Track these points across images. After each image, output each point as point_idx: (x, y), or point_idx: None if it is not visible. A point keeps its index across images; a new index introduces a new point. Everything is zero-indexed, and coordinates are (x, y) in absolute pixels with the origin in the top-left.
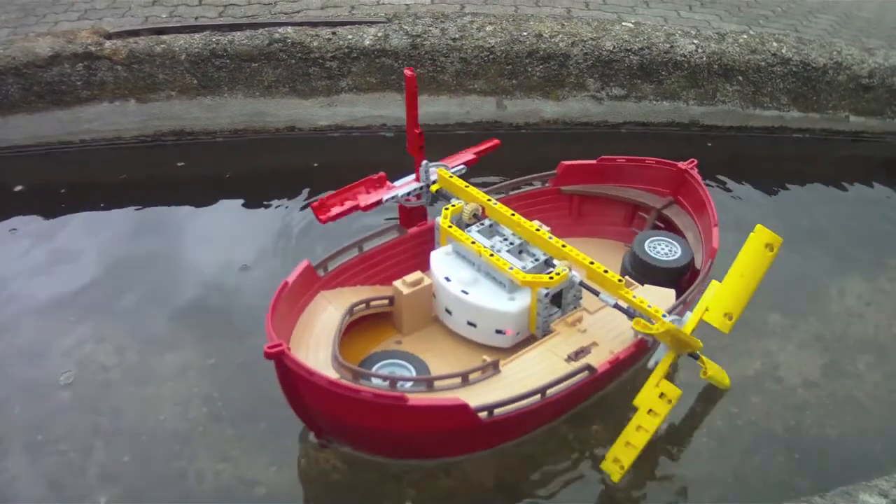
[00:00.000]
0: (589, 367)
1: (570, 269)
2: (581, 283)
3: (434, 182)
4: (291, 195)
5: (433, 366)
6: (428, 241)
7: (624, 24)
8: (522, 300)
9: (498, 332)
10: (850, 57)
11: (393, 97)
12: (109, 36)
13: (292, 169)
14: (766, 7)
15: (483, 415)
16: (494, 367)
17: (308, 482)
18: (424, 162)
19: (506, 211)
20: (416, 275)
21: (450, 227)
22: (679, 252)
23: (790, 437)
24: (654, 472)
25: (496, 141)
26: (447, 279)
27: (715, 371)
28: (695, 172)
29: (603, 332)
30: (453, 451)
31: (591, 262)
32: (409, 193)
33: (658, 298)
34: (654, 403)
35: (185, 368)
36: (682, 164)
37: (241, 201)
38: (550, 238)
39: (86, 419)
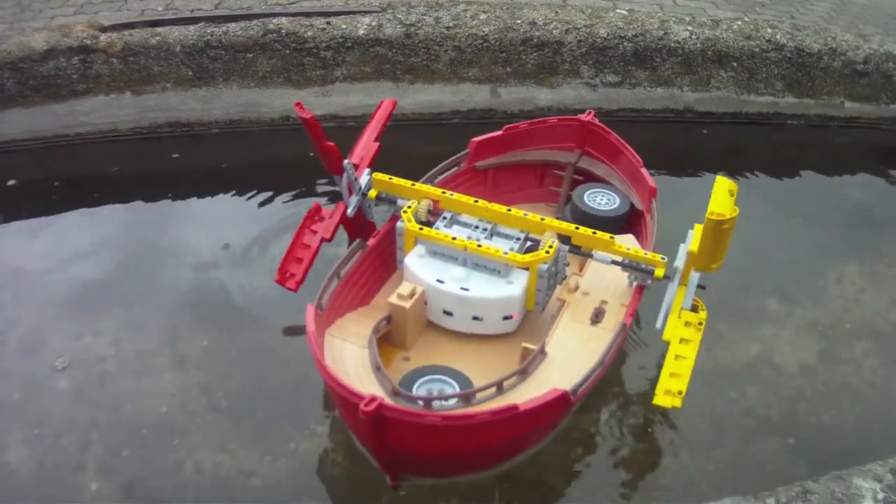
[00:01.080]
0: (623, 325)
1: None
2: (570, 250)
3: (369, 189)
4: (288, 184)
5: (460, 369)
6: (387, 248)
7: (618, 11)
8: (520, 281)
9: (505, 318)
10: (845, 43)
11: (387, 86)
12: (104, 29)
13: (288, 158)
14: None
15: (572, 397)
16: (542, 352)
17: (305, 473)
18: (346, 163)
19: (468, 199)
20: (407, 286)
21: (420, 228)
22: (618, 200)
23: (787, 424)
24: (650, 459)
25: (392, 101)
26: (440, 281)
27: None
28: (597, 121)
29: (602, 289)
30: (541, 438)
31: (577, 227)
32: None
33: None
34: (683, 333)
35: (181, 360)
36: (582, 117)
37: (238, 191)
38: (526, 215)
39: (84, 412)
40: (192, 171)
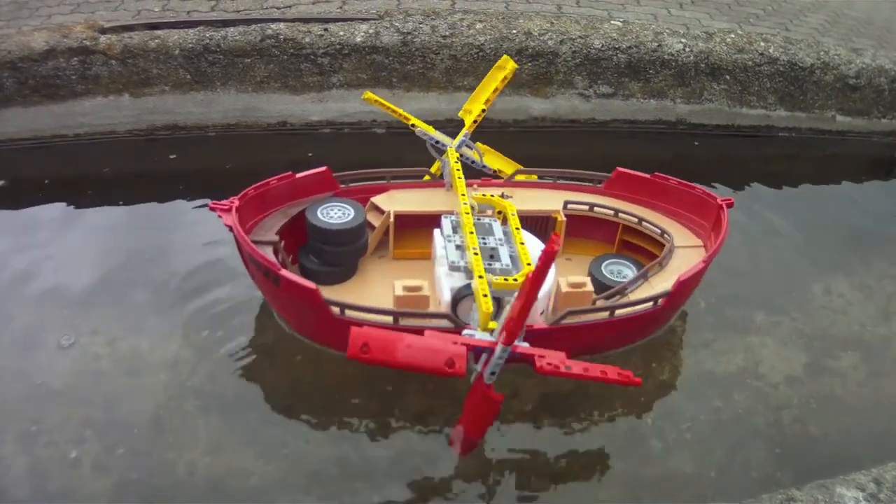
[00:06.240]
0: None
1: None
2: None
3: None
4: None
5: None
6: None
7: (613, 22)
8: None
9: None
10: (838, 57)
11: (384, 94)
12: (104, 31)
13: (285, 163)
14: (756, 6)
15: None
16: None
17: (297, 473)
18: None
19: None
20: (578, 278)
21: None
22: (352, 210)
23: (772, 433)
24: (635, 465)
25: None
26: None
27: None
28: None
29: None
30: None
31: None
32: None
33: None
34: (493, 160)
35: (176, 361)
36: (229, 202)
37: (235, 194)
38: (472, 194)
39: (79, 410)
40: (188, 174)
